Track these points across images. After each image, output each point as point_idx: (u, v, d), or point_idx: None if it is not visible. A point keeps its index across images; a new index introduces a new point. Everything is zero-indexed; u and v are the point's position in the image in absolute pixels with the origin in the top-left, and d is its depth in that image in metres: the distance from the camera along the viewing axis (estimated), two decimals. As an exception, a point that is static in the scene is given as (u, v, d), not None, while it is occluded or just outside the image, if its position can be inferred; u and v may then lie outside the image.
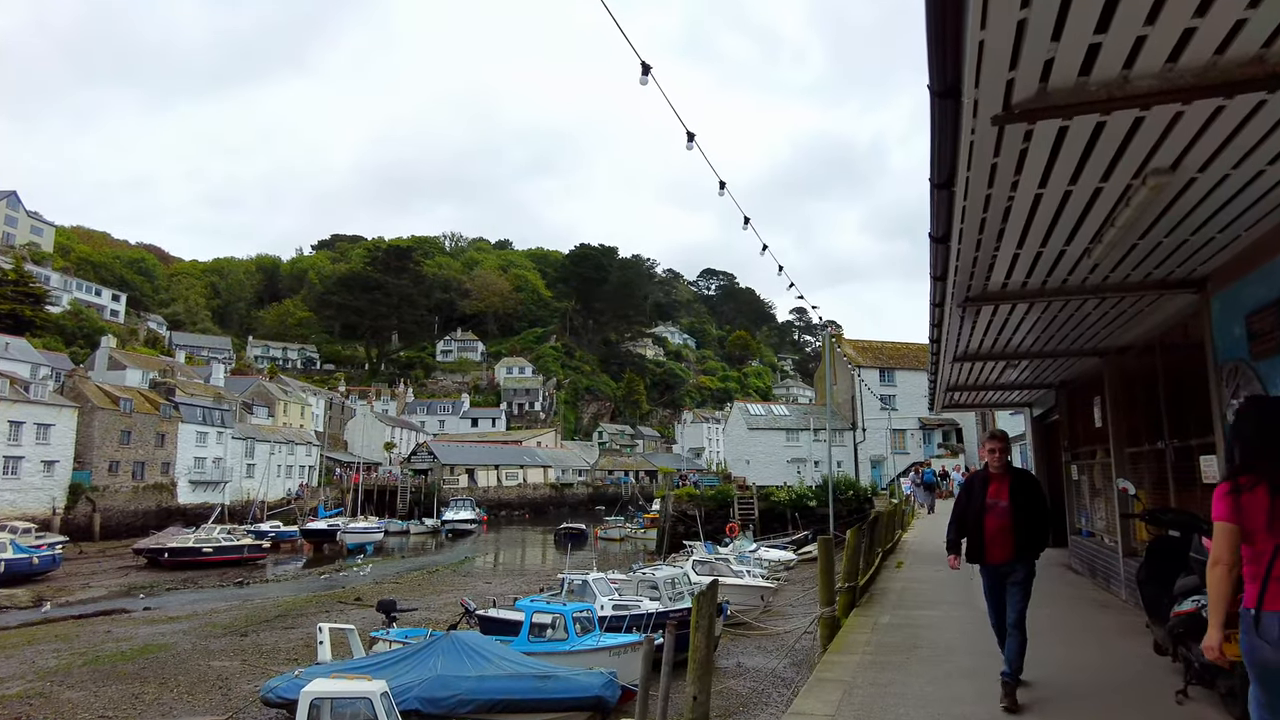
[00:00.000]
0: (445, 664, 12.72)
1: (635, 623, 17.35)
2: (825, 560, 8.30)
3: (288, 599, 30.36)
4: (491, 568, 46.88)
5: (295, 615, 26.36)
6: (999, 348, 9.81)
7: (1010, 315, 7.73)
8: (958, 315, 7.46)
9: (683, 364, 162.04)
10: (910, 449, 52.71)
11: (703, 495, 46.73)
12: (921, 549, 17.54)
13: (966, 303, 6.87)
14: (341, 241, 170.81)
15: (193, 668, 18.04)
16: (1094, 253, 5.50)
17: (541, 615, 15.77)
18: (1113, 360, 9.91)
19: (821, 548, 8.40)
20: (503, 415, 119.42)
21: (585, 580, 19.30)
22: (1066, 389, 13.31)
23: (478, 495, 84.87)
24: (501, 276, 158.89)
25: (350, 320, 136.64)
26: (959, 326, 8.20)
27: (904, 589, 11.18)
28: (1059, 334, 8.80)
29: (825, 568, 8.26)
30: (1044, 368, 12.04)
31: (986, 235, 5.18)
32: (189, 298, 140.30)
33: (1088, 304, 7.16)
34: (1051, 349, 9.87)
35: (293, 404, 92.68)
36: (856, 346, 55.85)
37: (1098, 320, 7.95)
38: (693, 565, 25.46)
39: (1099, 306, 7.26)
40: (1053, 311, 7.57)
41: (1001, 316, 7.79)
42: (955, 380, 13.07)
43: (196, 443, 64.68)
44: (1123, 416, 9.70)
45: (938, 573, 13.02)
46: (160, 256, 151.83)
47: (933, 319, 8.11)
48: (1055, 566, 13.44)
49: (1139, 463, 9.38)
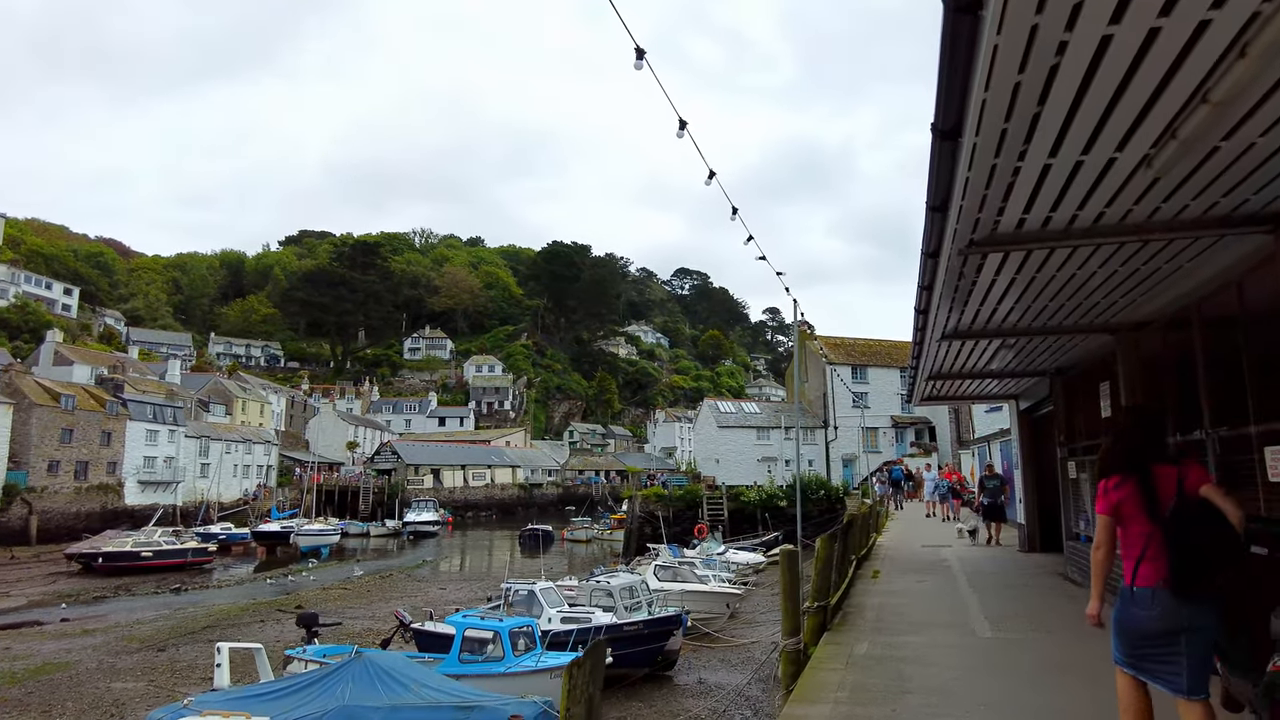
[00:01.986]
0: (354, 692, 10.96)
1: (584, 638, 15.67)
2: (788, 579, 6.69)
3: (224, 607, 28.31)
4: (451, 571, 44.98)
5: (226, 626, 24.37)
6: (996, 322, 8.29)
7: (1019, 272, 6.17)
8: (955, 270, 5.89)
9: (655, 363, 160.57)
10: (883, 448, 51.52)
11: (670, 496, 45.17)
12: (898, 555, 16.06)
13: (970, 249, 5.29)
14: (309, 237, 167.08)
15: (89, 691, 16.07)
16: (1156, 161, 3.94)
17: (476, 632, 14.02)
18: (1127, 338, 8.42)
19: (784, 563, 6.80)
20: (471, 414, 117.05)
21: (531, 590, 17.57)
22: (1063, 376, 11.86)
23: (443, 496, 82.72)
24: (472, 273, 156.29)
25: (315, 317, 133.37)
26: (953, 289, 6.64)
27: (882, 606, 9.63)
28: (1071, 301, 7.28)
29: (789, 588, 6.65)
30: (1039, 351, 10.57)
31: (1015, 125, 3.60)
32: (149, 293, 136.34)
33: (1121, 251, 5.61)
34: (1057, 324, 8.36)
35: (251, 402, 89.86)
36: (829, 343, 54.60)
37: (1127, 279, 6.42)
38: (655, 571, 23.85)
39: (1136, 255, 5.71)
40: (1072, 266, 6.02)
41: (1008, 274, 6.24)
42: (939, 366, 11.58)
43: (146, 441, 61.96)
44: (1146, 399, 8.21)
45: (920, 584, 11.51)
46: (121, 251, 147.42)
47: (922, 279, 6.54)
48: (1050, 575, 12.01)
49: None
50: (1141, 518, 3.94)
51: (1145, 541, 3.89)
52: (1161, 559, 3.85)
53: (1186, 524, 3.83)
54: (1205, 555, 3.77)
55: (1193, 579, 3.77)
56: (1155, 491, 3.94)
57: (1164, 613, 3.81)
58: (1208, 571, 3.77)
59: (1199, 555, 3.77)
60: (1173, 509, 3.89)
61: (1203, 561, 3.77)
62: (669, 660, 17.47)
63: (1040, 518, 15.11)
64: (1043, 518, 15.03)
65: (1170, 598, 3.79)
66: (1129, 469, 4.03)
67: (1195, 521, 3.82)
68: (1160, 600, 3.81)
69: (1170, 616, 3.79)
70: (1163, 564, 3.84)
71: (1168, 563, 3.82)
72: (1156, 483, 3.96)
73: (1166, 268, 6.14)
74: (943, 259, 5.60)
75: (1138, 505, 3.94)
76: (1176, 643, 3.79)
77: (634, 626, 16.43)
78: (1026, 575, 12.27)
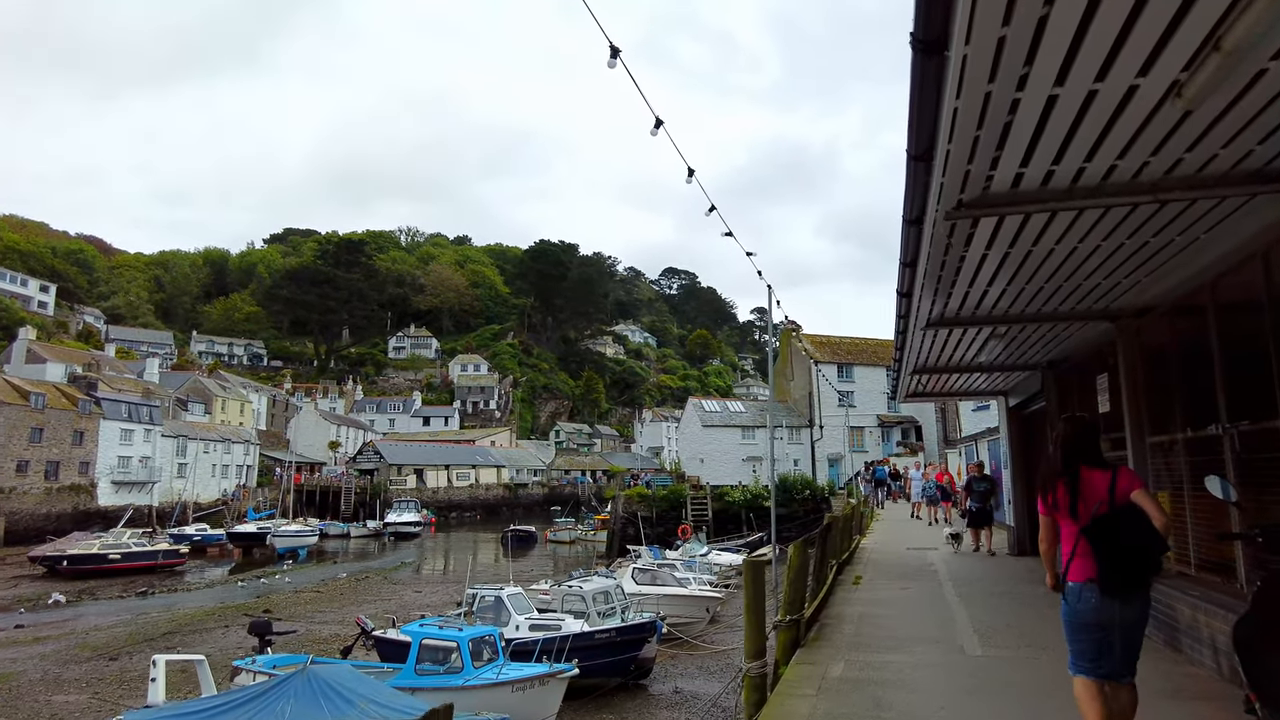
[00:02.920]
0: (296, 709, 10.12)
1: (553, 647, 14.85)
2: (752, 592, 5.87)
3: (189, 611, 27.35)
4: (430, 573, 44.12)
5: (189, 631, 23.45)
6: (985, 308, 7.57)
7: (1013, 246, 5.43)
8: (941, 241, 5.14)
9: (643, 363, 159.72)
10: (869, 447, 50.85)
11: (654, 496, 44.39)
12: (883, 559, 15.33)
13: (959, 212, 4.54)
14: (294, 235, 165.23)
15: (25, 705, 15.15)
16: (1189, 87, 3.19)
17: (434, 641, 13.18)
18: (1128, 326, 7.69)
19: (748, 574, 6.00)
20: (456, 414, 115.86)
21: (498, 596, 16.71)
22: (1055, 370, 11.16)
23: (426, 496, 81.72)
24: (458, 272, 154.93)
25: (299, 315, 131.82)
26: (939, 266, 5.89)
27: (863, 617, 8.88)
28: (1069, 283, 6.55)
29: (753, 603, 5.84)
30: (1031, 342, 9.85)
31: (1015, 31, 2.84)
32: (130, 291, 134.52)
33: (1132, 218, 4.87)
34: (1052, 309, 7.63)
35: (232, 401, 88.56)
36: (814, 341, 53.92)
37: (1133, 254, 5.68)
38: (633, 574, 23.05)
39: (1148, 223, 4.97)
40: (1073, 238, 5.28)
41: (1000, 248, 5.50)
42: (924, 359, 10.85)
43: (121, 441, 60.69)
44: (1144, 397, 7.50)
45: (905, 592, 10.76)
46: (102, 248, 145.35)
47: (904, 254, 5.77)
48: (1041, 582, 11.25)
49: (1168, 454, 7.20)
50: (1068, 518, 4.13)
51: (1075, 540, 4.07)
52: (1089, 557, 4.01)
53: (1117, 527, 3.96)
54: (1135, 556, 3.94)
55: (1122, 578, 3.94)
56: (1079, 494, 4.11)
57: (1095, 606, 3.99)
58: (1137, 571, 3.95)
59: (1129, 556, 3.94)
60: (1105, 513, 4.01)
61: (1132, 562, 3.94)
62: (644, 669, 16.71)
63: (1031, 519, 14.40)
64: (1033, 519, 14.30)
65: (1099, 594, 3.97)
66: (1060, 477, 4.22)
67: (1126, 524, 3.95)
68: (1090, 595, 4.00)
69: (1101, 610, 3.98)
70: (1090, 562, 4.00)
71: (1095, 562, 3.98)
72: (1083, 486, 4.12)
73: (1180, 240, 5.40)
74: (927, 226, 4.84)
75: (1068, 508, 4.13)
76: (1109, 634, 4.00)
77: (606, 634, 15.66)
78: (1017, 582, 11.56)
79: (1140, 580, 3.98)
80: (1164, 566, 4.25)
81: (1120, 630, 3.99)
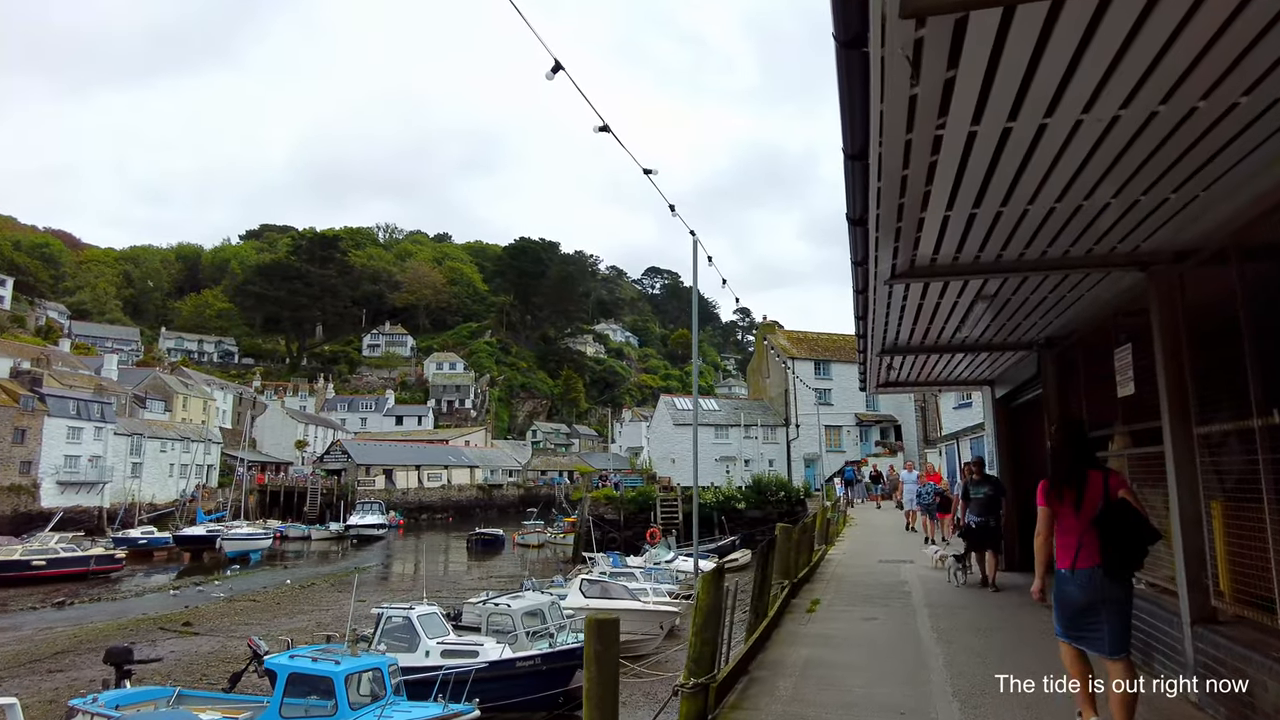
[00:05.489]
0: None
1: (465, 679, 12.64)
2: (596, 687, 3.55)
3: (98, 626, 24.94)
4: (390, 579, 41.78)
5: (86, 650, 21.04)
6: (970, 250, 5.49)
7: (1012, 126, 3.34)
8: (901, 92, 3.04)
9: (624, 362, 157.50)
10: (846, 447, 48.83)
11: (622, 497, 42.24)
12: (850, 574, 13.24)
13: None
14: (271, 231, 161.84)
15: None
16: None
17: (305, 676, 10.93)
18: (1166, 276, 5.61)
19: (591, 635, 3.73)
20: (430, 413, 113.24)
21: (406, 617, 14.44)
22: (1054, 350, 9.10)
23: (396, 497, 79.30)
24: (435, 269, 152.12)
25: (271, 312, 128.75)
26: (901, 158, 3.78)
27: (809, 666, 6.75)
28: (1091, 202, 4.47)
29: (598, 697, 3.57)
30: (1027, 310, 7.78)
31: None
32: (97, 286, 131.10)
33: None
34: (1059, 253, 5.56)
35: (194, 398, 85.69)
36: (791, 337, 51.92)
37: (1194, 146, 3.58)
38: (581, 586, 20.87)
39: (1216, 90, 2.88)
40: (1110, 103, 3.20)
41: (992, 130, 3.41)
42: (894, 335, 8.78)
43: (68, 439, 57.87)
44: (1191, 372, 5.41)
45: (868, 624, 8.62)
46: (70, 243, 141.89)
47: (849, 135, 3.68)
48: (1036, 609, 9.10)
49: (1220, 449, 5.15)
50: (1075, 515, 4.71)
51: (1080, 533, 4.66)
52: (1094, 547, 4.60)
53: (1116, 521, 4.58)
54: (1132, 546, 4.57)
55: (1123, 564, 4.58)
56: (1085, 492, 4.71)
57: (1093, 589, 4.59)
58: (1137, 557, 4.61)
59: (1128, 545, 4.57)
60: (1105, 509, 4.64)
61: (1130, 550, 4.58)
62: (576, 699, 14.52)
63: (1023, 528, 12.33)
64: (1024, 529, 12.24)
65: (1102, 577, 4.57)
66: (1072, 478, 4.78)
67: (1123, 519, 4.59)
68: (1094, 579, 4.59)
69: (1097, 591, 4.59)
70: (1095, 551, 4.59)
71: (1101, 551, 4.58)
72: (1088, 487, 4.73)
73: (1255, 132, 3.31)
74: (874, 50, 2.73)
75: (1074, 505, 4.73)
76: (1099, 613, 4.59)
77: (529, 662, 13.50)
78: (1008, 609, 9.45)
79: (1137, 565, 4.64)
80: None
81: (1115, 607, 4.56)
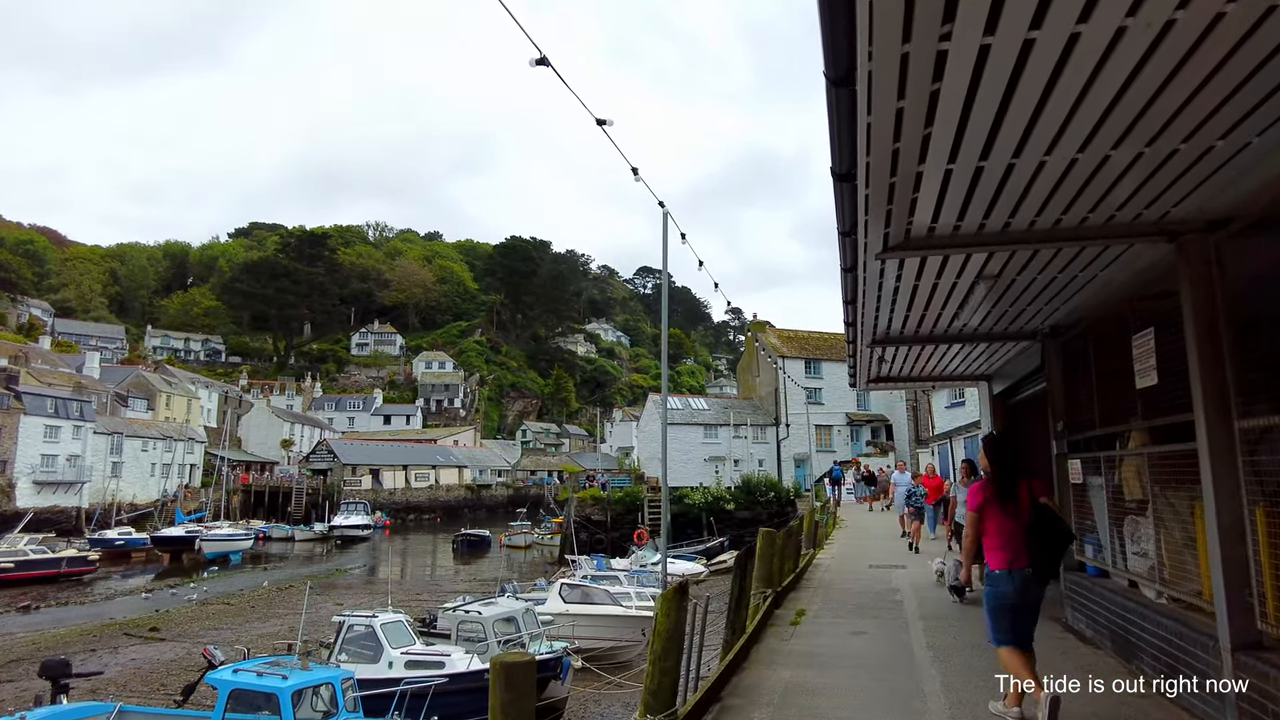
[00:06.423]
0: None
1: (426, 691, 11.83)
2: None
3: (60, 632, 24.08)
4: (373, 581, 40.85)
5: (37, 660, 20.09)
6: (972, 219, 4.73)
7: (1023, 65, 2.58)
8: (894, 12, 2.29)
9: (615, 361, 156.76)
10: (837, 446, 48.15)
11: (609, 498, 41.44)
12: (839, 580, 12.49)
13: None
14: (260, 230, 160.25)
15: None
16: None
17: (247, 692, 10.12)
18: (1198, 246, 4.86)
19: (497, 683, 3.01)
20: (419, 412, 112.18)
21: (369, 626, 13.63)
22: (1060, 339, 8.36)
23: (382, 497, 78.32)
24: (425, 267, 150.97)
25: (258, 310, 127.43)
26: (894, 91, 3.02)
27: (789, 692, 5.99)
28: (1107, 167, 3.71)
29: None
30: (1034, 293, 7.03)
31: None
32: (83, 283, 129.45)
33: None
34: (1074, 221, 4.81)
35: (178, 397, 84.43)
36: (781, 336, 51.23)
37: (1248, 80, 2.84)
38: (560, 590, 20.07)
39: None
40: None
41: (1005, 55, 2.66)
42: (886, 323, 8.03)
43: (45, 438, 56.73)
44: (1231, 357, 4.66)
45: (857, 638, 7.85)
46: (55, 240, 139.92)
47: (833, 59, 2.91)
48: (1043, 622, 8.37)
49: (1260, 445, 4.41)
50: (1008, 519, 5.22)
51: (1009, 536, 5.17)
52: (1021, 548, 5.14)
53: (1043, 525, 5.19)
54: (1057, 547, 5.30)
55: (1051, 565, 5.26)
56: (1018, 500, 5.27)
57: (1022, 588, 5.09)
58: (1060, 559, 5.43)
59: (1053, 547, 5.25)
60: (1035, 515, 5.25)
61: (1057, 552, 5.33)
62: (554, 711, 13.76)
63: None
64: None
65: (1030, 577, 5.11)
66: (1014, 489, 5.32)
67: (1048, 523, 5.24)
68: (1021, 579, 5.08)
69: (1027, 592, 5.10)
70: (1023, 552, 5.14)
71: (1028, 552, 5.14)
72: (1020, 494, 5.30)
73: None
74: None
75: (1005, 510, 5.24)
76: (1026, 611, 5.13)
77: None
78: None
79: (1059, 566, 5.70)
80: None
81: (1031, 609, 5.20)
